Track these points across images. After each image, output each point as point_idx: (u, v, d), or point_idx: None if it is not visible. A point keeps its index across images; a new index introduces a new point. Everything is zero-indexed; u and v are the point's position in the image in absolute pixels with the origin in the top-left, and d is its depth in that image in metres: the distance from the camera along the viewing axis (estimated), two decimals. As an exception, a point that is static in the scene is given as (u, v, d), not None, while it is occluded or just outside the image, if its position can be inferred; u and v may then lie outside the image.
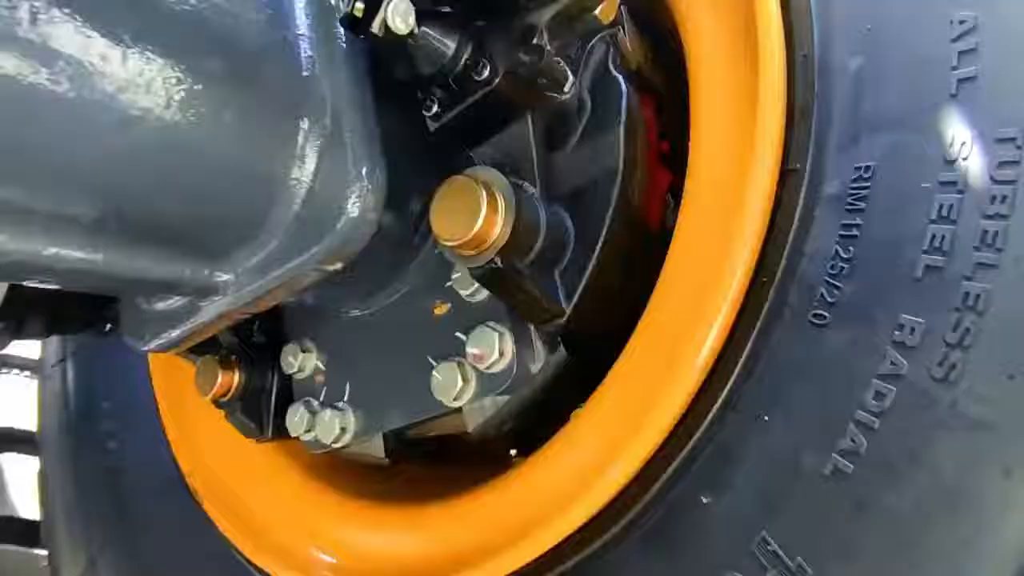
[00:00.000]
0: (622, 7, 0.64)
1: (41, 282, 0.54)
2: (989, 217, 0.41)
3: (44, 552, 1.55)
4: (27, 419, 1.66)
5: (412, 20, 0.43)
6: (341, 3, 0.47)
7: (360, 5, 0.42)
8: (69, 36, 0.41)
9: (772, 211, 0.53)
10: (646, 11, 0.70)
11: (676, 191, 0.71)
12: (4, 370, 1.68)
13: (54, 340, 1.15)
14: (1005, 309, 0.40)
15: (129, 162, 0.47)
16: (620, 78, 0.62)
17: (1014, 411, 0.39)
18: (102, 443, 1.01)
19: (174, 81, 0.47)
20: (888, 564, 0.41)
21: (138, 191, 0.50)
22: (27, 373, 1.68)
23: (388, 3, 0.42)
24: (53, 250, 0.48)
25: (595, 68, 0.62)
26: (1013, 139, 0.41)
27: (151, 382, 0.99)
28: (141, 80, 0.45)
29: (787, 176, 0.53)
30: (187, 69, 0.47)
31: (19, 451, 1.60)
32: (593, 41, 0.60)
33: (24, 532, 1.53)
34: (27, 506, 1.58)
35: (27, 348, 1.63)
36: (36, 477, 1.18)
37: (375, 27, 0.42)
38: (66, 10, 0.39)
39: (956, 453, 0.40)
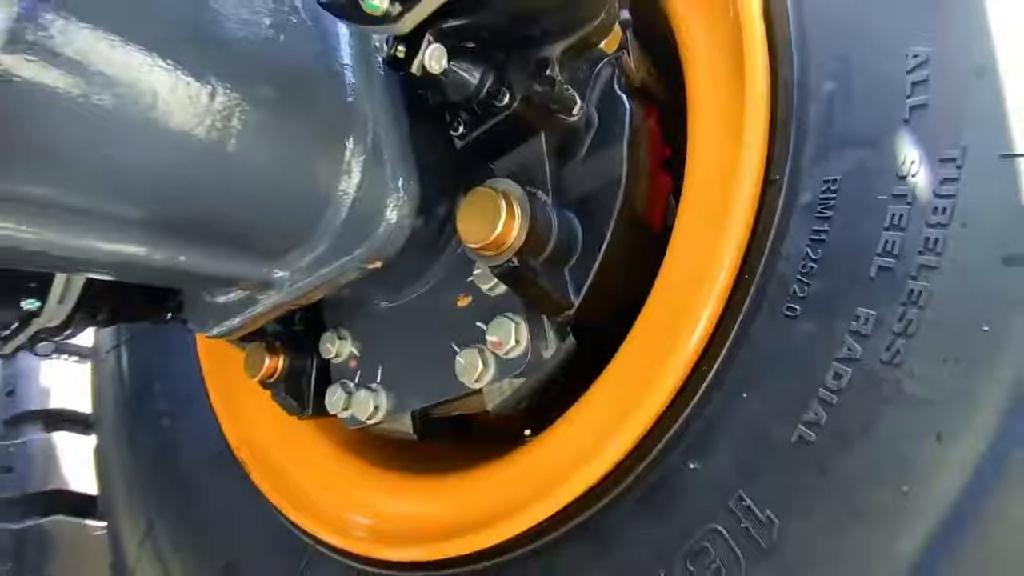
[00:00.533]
0: (626, 32, 0.71)
1: (123, 277, 0.64)
2: (932, 226, 0.48)
3: (93, 522, 1.69)
4: (76, 401, 1.79)
5: (445, 61, 0.52)
6: (384, 44, 0.55)
7: (402, 49, 0.50)
8: (141, 68, 0.48)
9: (755, 217, 0.61)
10: (650, 31, 0.78)
11: (678, 193, 0.79)
12: (55, 356, 1.80)
13: (108, 328, 1.25)
14: (942, 304, 0.47)
15: (193, 177, 0.56)
16: (624, 97, 0.70)
17: (946, 389, 0.46)
18: (156, 421, 1.12)
19: (236, 108, 0.55)
20: (841, 516, 0.49)
21: (202, 202, 0.58)
22: (75, 359, 1.80)
23: (425, 48, 0.50)
24: (135, 250, 0.57)
25: (602, 88, 0.70)
26: (954, 159, 0.48)
27: (199, 365, 1.09)
28: (207, 108, 0.54)
29: (768, 186, 0.60)
30: (247, 98, 0.55)
31: (70, 430, 1.73)
32: (600, 65, 0.68)
33: (75, 504, 1.66)
34: (78, 480, 1.70)
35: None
36: (92, 453, 1.30)
37: (414, 68, 0.50)
38: (139, 46, 0.47)
39: (899, 424, 0.48)
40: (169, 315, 0.88)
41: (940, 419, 0.46)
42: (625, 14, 0.67)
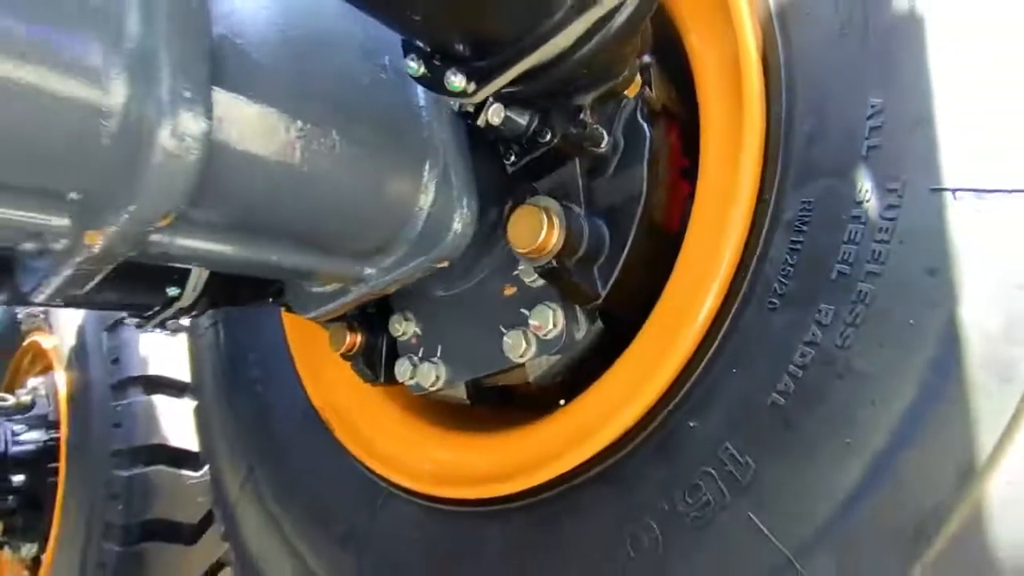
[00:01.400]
0: (650, 67, 0.86)
1: (245, 271, 0.83)
2: (877, 241, 0.62)
3: (188, 472, 1.96)
4: (169, 368, 2.06)
5: (503, 114, 0.68)
6: (454, 104, 0.71)
7: (471, 108, 0.66)
8: (288, 129, 0.66)
9: (749, 228, 0.76)
10: (677, 54, 0.91)
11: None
12: (151, 330, 2.07)
13: (206, 308, 1.47)
14: (881, 302, 0.62)
15: (310, 201, 0.73)
16: (644, 126, 0.84)
17: (881, 366, 0.61)
18: (251, 386, 1.34)
19: (343, 146, 0.73)
20: (801, 460, 0.64)
21: (316, 219, 0.77)
22: (166, 332, 2.07)
23: (488, 107, 0.66)
24: (276, 257, 0.75)
25: (626, 119, 0.85)
26: (896, 190, 0.62)
27: (286, 340, 1.30)
28: (325, 148, 0.71)
29: (760, 204, 0.75)
30: (351, 138, 0.73)
31: (165, 393, 2.00)
32: (625, 101, 0.83)
33: (172, 456, 1.93)
34: (174, 436, 1.98)
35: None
36: (191, 412, 1.54)
37: (480, 122, 0.66)
38: (286, 113, 0.64)
39: (847, 392, 0.63)
40: (271, 300, 1.08)
41: (875, 389, 0.61)
42: (647, 59, 0.82)
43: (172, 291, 0.95)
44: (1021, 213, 0.55)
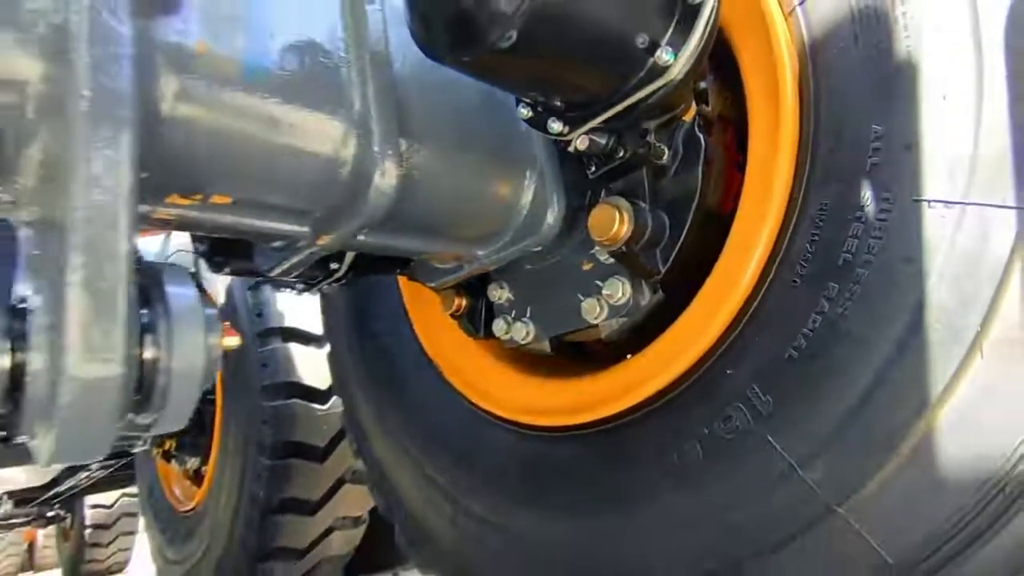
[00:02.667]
0: (707, 91, 1.06)
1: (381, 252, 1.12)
2: (872, 237, 0.83)
3: (318, 405, 2.39)
4: (301, 321, 2.47)
5: (587, 142, 0.91)
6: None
7: (565, 138, 0.91)
8: (452, 159, 0.93)
9: (782, 221, 0.97)
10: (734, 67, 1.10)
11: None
12: (284, 290, 2.49)
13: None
14: (874, 283, 0.82)
15: (451, 203, 1.01)
16: (701, 136, 1.05)
17: (870, 329, 0.82)
18: (375, 337, 1.67)
19: (471, 161, 0.99)
20: (809, 396, 0.87)
21: (447, 217, 1.04)
22: (295, 291, 2.47)
23: (577, 138, 0.90)
24: (416, 245, 1.04)
25: (685, 131, 1.06)
26: (888, 199, 0.82)
27: (403, 302, 1.62)
28: (459, 165, 0.98)
29: (790, 202, 0.95)
30: (477, 157, 0.99)
31: (299, 342, 2.42)
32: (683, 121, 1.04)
33: (306, 392, 2.36)
34: (307, 376, 2.40)
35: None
36: (325, 357, 1.91)
37: (571, 148, 0.91)
38: (444, 149, 0.92)
39: (844, 349, 0.85)
40: (399, 271, 1.39)
41: (865, 349, 0.83)
42: (703, 84, 1.02)
43: (334, 266, 1.27)
44: (971, 219, 0.74)
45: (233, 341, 0.72)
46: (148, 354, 0.59)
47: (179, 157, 0.64)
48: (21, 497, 4.84)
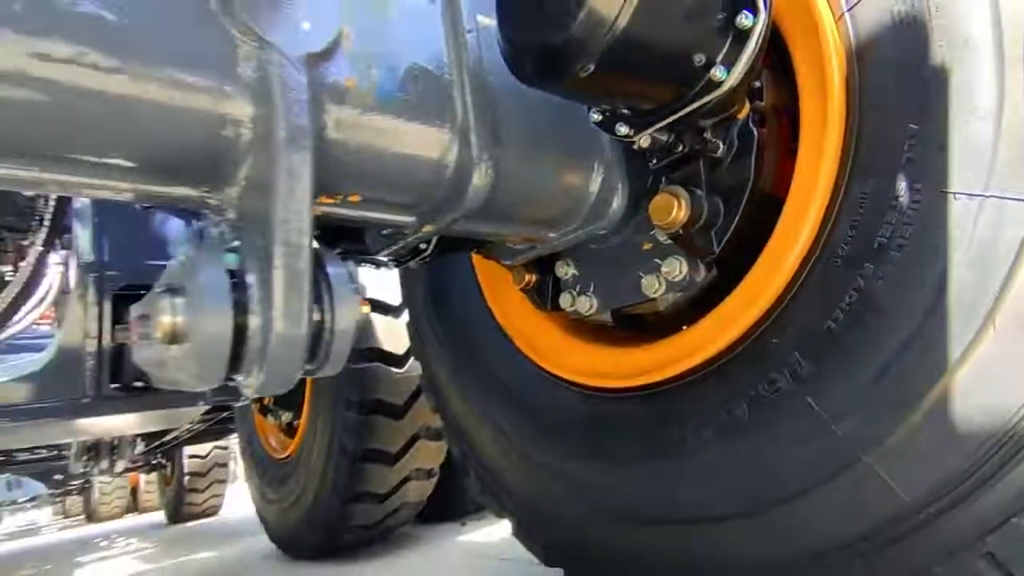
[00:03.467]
0: (761, 88, 1.18)
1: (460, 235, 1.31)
2: (904, 224, 0.94)
3: (396, 368, 2.65)
4: (380, 293, 2.73)
5: (650, 139, 1.06)
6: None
7: (631, 137, 1.05)
8: (517, 158, 1.11)
9: (827, 207, 1.08)
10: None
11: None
12: (364, 265, 2.75)
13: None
14: (904, 264, 0.94)
15: (528, 194, 1.18)
16: (754, 130, 1.17)
17: (900, 304, 0.94)
18: (451, 308, 1.88)
19: (549, 156, 1.15)
20: (844, 362, 1.00)
21: (528, 205, 1.21)
22: (380, 267, 2.71)
23: (641, 136, 1.04)
24: (499, 229, 1.22)
25: (740, 126, 1.18)
26: (919, 190, 0.93)
27: (476, 276, 1.81)
28: (539, 160, 1.14)
29: (835, 190, 1.07)
30: (555, 151, 1.15)
31: (379, 311, 2.69)
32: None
33: (385, 357, 2.63)
34: (386, 343, 2.67)
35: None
36: (404, 327, 2.14)
37: (635, 146, 1.05)
38: (530, 151, 1.08)
39: (876, 318, 0.97)
40: (475, 250, 1.58)
41: (895, 318, 0.95)
42: (757, 84, 1.14)
43: (423, 246, 1.47)
44: (989, 210, 0.85)
45: (366, 309, 0.92)
46: (317, 318, 0.80)
47: (333, 169, 0.84)
48: (149, 441, 5.51)
